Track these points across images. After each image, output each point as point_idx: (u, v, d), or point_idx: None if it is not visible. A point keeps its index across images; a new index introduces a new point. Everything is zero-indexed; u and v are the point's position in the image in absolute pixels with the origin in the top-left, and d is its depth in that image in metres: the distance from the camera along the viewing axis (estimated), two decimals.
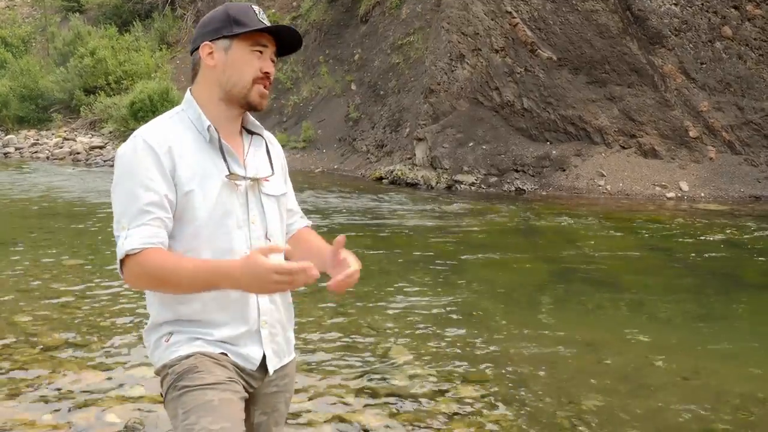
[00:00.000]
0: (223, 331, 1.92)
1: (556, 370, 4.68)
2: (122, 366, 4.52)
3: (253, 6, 1.96)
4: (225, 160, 1.91)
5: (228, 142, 1.95)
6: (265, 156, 2.04)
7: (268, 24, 1.94)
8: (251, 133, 2.06)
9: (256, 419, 2.05)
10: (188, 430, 1.78)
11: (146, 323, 2.01)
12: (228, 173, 1.89)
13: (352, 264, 1.89)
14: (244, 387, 1.95)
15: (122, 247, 1.79)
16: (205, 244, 1.88)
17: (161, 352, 1.93)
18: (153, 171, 1.82)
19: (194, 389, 1.83)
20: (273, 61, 1.99)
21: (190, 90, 2.00)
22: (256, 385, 2.00)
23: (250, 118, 2.05)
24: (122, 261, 1.80)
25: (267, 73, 1.95)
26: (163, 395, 1.92)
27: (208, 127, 1.91)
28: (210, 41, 1.93)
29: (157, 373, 1.96)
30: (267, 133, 2.14)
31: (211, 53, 1.93)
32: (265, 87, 1.96)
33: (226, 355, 1.91)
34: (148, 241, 1.79)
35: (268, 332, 1.98)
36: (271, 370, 1.99)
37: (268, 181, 2.00)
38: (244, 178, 1.94)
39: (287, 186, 2.15)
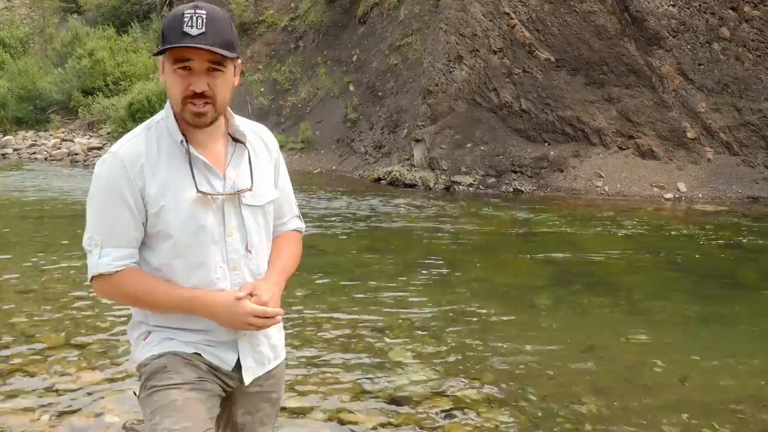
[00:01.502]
0: (199, 335, 1.94)
1: (555, 371, 4.68)
2: (120, 366, 4.52)
3: (186, 12, 1.76)
4: (194, 177, 1.87)
5: (207, 152, 1.91)
6: (247, 167, 1.96)
7: (198, 31, 1.74)
8: (236, 140, 1.97)
9: (240, 419, 2.04)
10: (153, 430, 1.83)
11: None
12: (197, 191, 1.86)
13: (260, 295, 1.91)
14: (220, 386, 1.96)
15: (95, 265, 1.87)
16: (179, 259, 1.89)
17: (139, 351, 1.97)
18: (125, 191, 1.85)
19: (160, 389, 1.86)
20: (216, 70, 1.80)
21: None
22: (234, 385, 2.00)
23: (235, 124, 1.96)
24: (93, 276, 1.89)
25: (194, 91, 1.79)
26: (137, 394, 1.96)
27: (181, 141, 1.88)
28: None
29: (137, 370, 2.00)
30: (260, 132, 2.06)
31: (162, 70, 1.87)
32: (196, 105, 1.80)
33: (199, 354, 1.93)
34: (120, 263, 1.86)
35: (247, 342, 1.98)
36: (247, 380, 1.98)
37: (250, 191, 1.94)
38: (221, 194, 1.90)
39: (281, 186, 2.08)
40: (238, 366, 1.97)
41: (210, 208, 1.89)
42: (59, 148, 22.72)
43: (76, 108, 25.59)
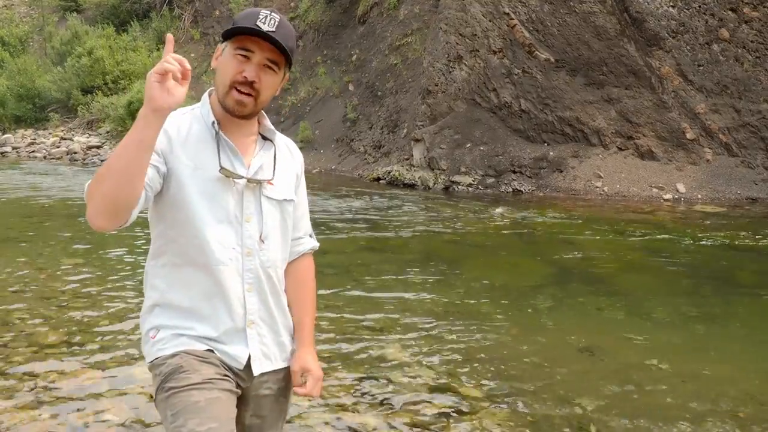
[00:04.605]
0: (206, 327, 1.92)
1: (554, 371, 4.68)
2: (119, 365, 4.51)
3: (263, 10, 1.90)
4: (219, 154, 1.91)
5: (237, 142, 1.96)
6: (271, 161, 2.02)
7: (269, 28, 1.86)
8: (265, 138, 2.06)
9: (248, 421, 2.03)
10: None
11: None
12: (219, 168, 1.89)
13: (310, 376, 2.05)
14: (235, 383, 1.95)
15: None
16: (194, 233, 1.89)
17: (149, 348, 1.96)
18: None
19: (180, 390, 1.84)
20: (270, 68, 1.90)
21: (210, 90, 2.03)
22: (245, 386, 1.99)
23: (266, 124, 2.06)
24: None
25: (246, 78, 1.87)
26: (154, 396, 1.94)
27: (213, 122, 1.94)
28: (221, 43, 1.96)
29: (149, 369, 1.98)
30: (286, 141, 2.15)
31: (219, 55, 1.95)
32: (241, 92, 1.88)
33: (212, 351, 1.92)
34: None
35: (255, 332, 1.97)
36: (256, 371, 1.97)
37: (271, 184, 1.99)
38: (242, 177, 1.93)
39: (299, 199, 2.12)
40: (248, 366, 1.97)
41: (230, 190, 1.92)
42: (58, 147, 22.72)
43: (76, 106, 25.60)
